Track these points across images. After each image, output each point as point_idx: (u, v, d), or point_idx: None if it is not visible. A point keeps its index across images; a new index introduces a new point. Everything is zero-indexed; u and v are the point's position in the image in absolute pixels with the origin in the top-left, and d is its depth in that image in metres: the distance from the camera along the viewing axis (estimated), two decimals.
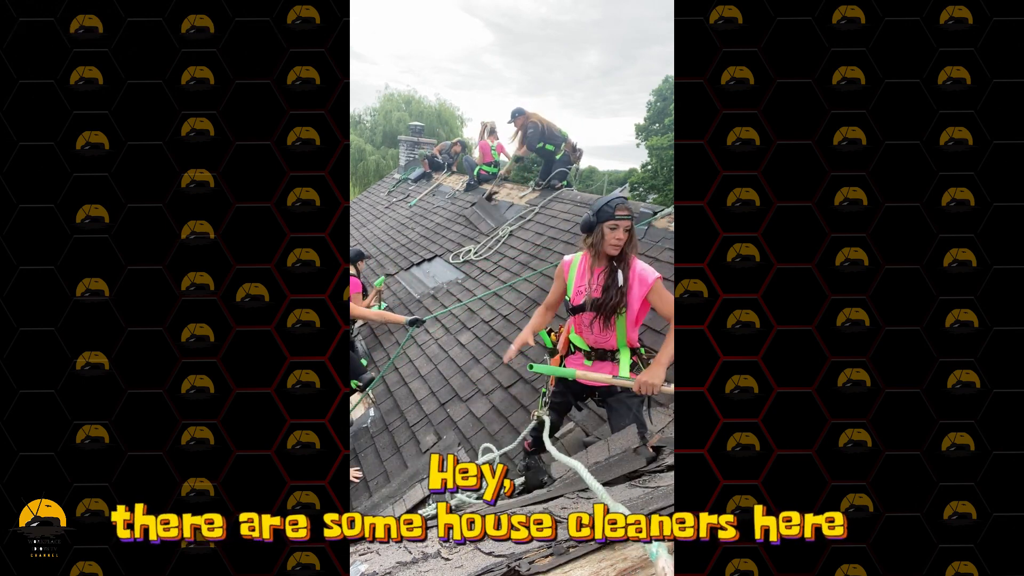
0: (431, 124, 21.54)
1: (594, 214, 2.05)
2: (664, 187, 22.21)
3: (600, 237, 2.04)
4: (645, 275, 2.05)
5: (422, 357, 4.34)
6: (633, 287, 2.06)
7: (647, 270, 2.06)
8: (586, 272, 2.15)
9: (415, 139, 11.35)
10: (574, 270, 2.20)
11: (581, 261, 2.18)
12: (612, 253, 2.05)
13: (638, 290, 2.06)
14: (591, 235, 2.08)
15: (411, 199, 8.67)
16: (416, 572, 1.33)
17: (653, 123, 26.34)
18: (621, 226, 2.00)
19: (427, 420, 3.63)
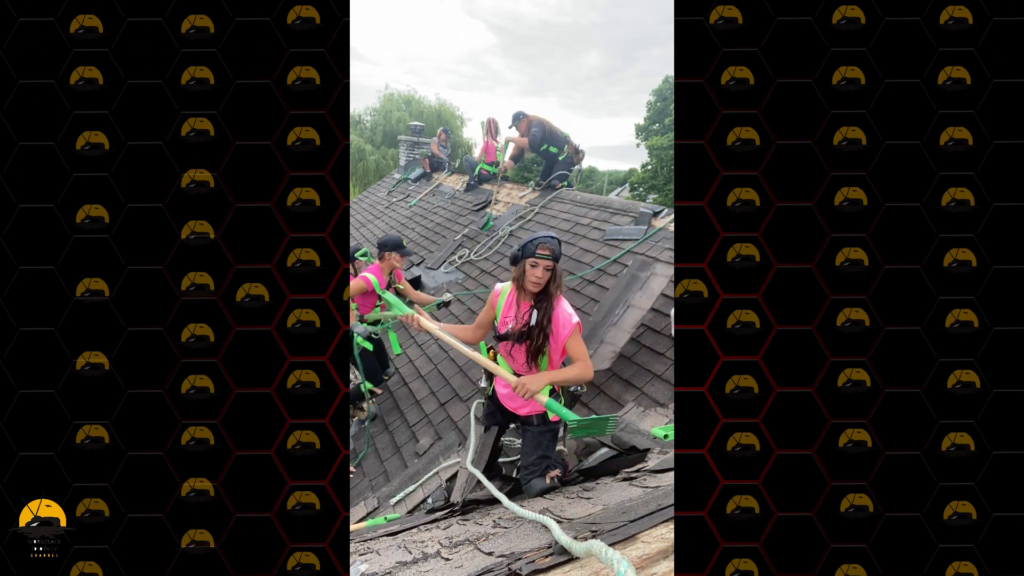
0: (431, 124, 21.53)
1: (520, 249, 2.10)
2: (664, 187, 22.21)
3: (521, 273, 2.09)
4: (566, 320, 2.08)
5: (422, 357, 4.34)
6: (556, 330, 2.09)
7: (567, 317, 2.09)
8: (512, 304, 2.20)
9: (415, 139, 11.35)
10: (503, 299, 2.25)
11: (510, 293, 2.23)
12: (532, 290, 2.10)
13: (560, 333, 2.10)
14: (515, 269, 2.13)
15: (411, 199, 8.67)
16: (416, 572, 1.33)
17: (653, 123, 26.34)
18: (541, 264, 2.04)
19: (427, 420, 3.63)
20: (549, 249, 2.05)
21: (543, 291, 2.09)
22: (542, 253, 2.04)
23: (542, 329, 2.08)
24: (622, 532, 1.21)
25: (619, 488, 1.80)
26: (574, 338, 2.09)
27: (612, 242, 4.38)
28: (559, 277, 2.10)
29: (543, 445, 2.22)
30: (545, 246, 2.04)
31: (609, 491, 1.80)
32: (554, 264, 2.06)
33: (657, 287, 3.48)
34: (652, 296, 3.44)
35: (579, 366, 2.06)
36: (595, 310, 3.68)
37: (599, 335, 3.40)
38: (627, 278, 3.74)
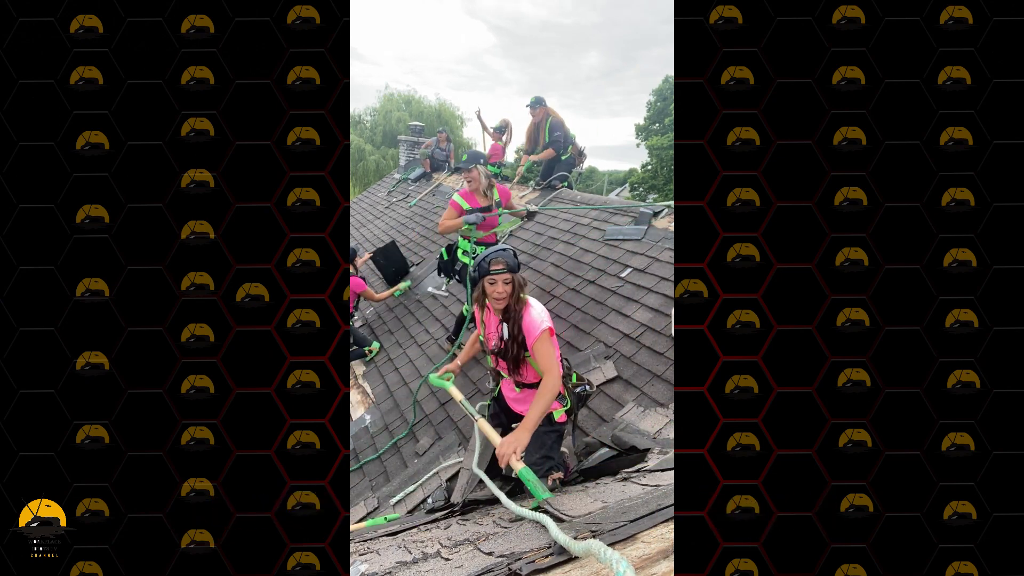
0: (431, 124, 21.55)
1: (475, 270, 2.10)
2: (664, 187, 22.22)
3: (482, 293, 2.11)
4: (534, 327, 2.05)
5: (422, 357, 4.34)
6: (528, 338, 2.07)
7: (535, 324, 2.05)
8: (491, 319, 2.22)
9: (415, 139, 11.34)
10: (481, 317, 2.27)
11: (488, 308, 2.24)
12: (498, 307, 2.10)
13: (529, 341, 2.08)
14: (476, 290, 2.14)
15: (411, 199, 8.67)
16: (416, 572, 1.33)
17: (653, 123, 26.35)
18: (499, 280, 2.03)
19: (427, 420, 3.63)
20: (503, 263, 2.04)
21: (507, 307, 2.08)
22: (496, 268, 2.03)
23: (515, 339, 2.08)
24: (622, 532, 1.21)
25: (619, 488, 1.80)
26: (541, 344, 2.04)
27: (612, 242, 4.38)
28: (519, 286, 2.08)
29: (547, 445, 2.22)
30: (497, 261, 2.04)
31: (609, 491, 1.80)
32: (512, 276, 2.05)
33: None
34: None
35: (546, 383, 1.98)
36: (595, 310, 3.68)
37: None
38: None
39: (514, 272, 2.06)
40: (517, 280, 2.08)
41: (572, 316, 3.81)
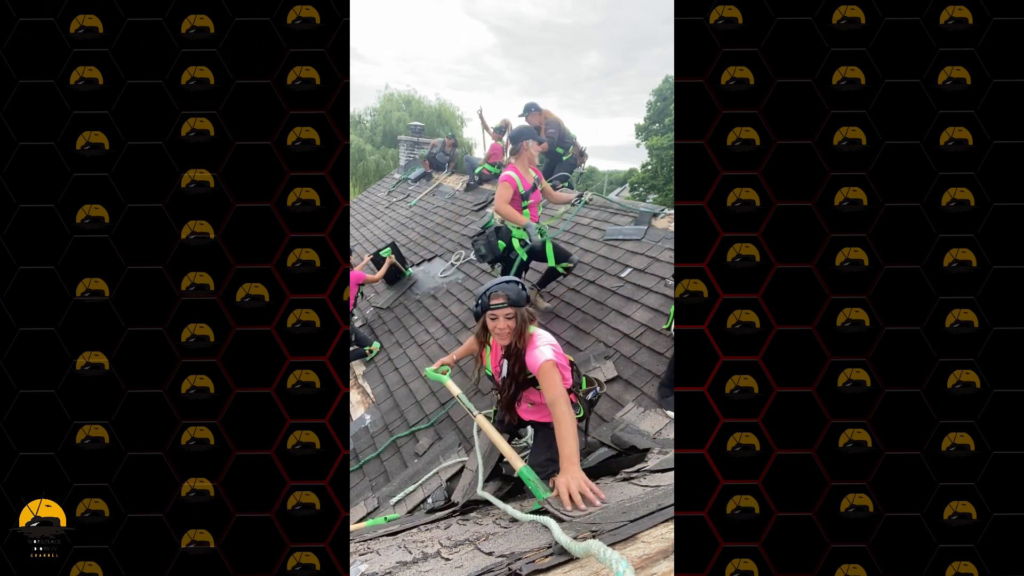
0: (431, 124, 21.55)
1: (476, 304, 2.01)
2: (664, 187, 22.22)
3: (483, 328, 2.02)
4: (535, 361, 1.90)
5: (422, 357, 4.34)
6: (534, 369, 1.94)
7: (538, 357, 1.89)
8: (496, 350, 2.12)
9: (415, 139, 11.35)
10: (488, 350, 2.18)
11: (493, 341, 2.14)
12: (503, 343, 1.98)
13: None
14: (477, 325, 2.06)
15: (411, 199, 8.67)
16: (416, 572, 1.33)
17: (653, 123, 26.35)
18: (500, 315, 1.91)
19: (427, 420, 3.63)
20: (503, 296, 1.91)
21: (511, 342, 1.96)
22: (496, 303, 1.91)
23: (514, 379, 1.99)
24: (622, 532, 1.21)
25: (619, 488, 1.80)
26: (544, 379, 1.85)
27: (612, 242, 4.38)
28: (524, 321, 1.93)
29: (553, 448, 2.20)
30: (498, 295, 1.91)
31: (609, 491, 1.80)
32: (515, 310, 1.91)
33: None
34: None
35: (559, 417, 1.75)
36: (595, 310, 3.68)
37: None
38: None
39: (518, 306, 1.91)
40: (521, 315, 1.92)
41: (572, 316, 3.81)
